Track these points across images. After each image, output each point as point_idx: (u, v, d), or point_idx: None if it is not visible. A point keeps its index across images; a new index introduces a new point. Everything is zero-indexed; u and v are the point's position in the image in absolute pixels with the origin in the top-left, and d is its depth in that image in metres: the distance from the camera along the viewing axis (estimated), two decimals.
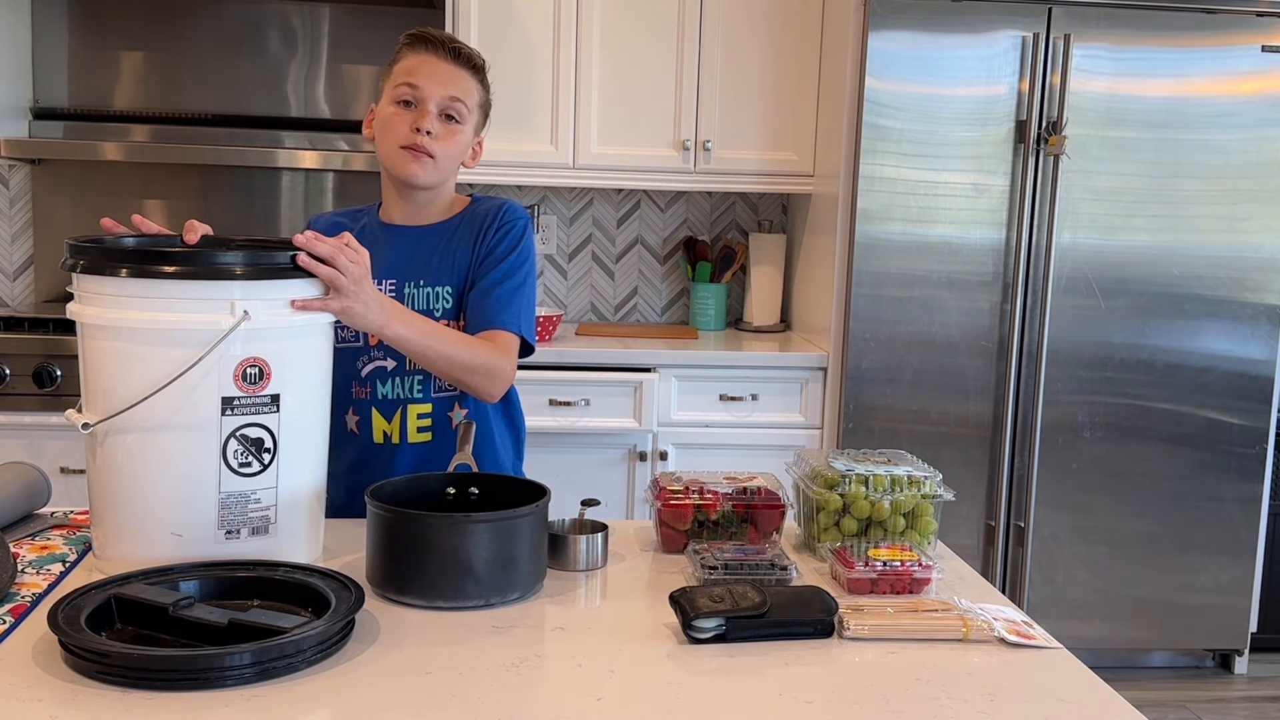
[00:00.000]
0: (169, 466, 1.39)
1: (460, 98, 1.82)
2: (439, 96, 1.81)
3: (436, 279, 1.85)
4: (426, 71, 1.81)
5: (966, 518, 3.35)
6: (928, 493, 1.63)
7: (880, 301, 3.26)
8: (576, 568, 1.54)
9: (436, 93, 1.81)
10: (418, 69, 1.82)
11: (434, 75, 1.81)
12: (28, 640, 1.24)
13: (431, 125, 1.80)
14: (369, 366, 1.86)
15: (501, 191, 3.78)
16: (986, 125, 3.23)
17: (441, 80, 1.81)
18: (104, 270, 1.37)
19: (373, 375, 1.86)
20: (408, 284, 1.85)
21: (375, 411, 1.86)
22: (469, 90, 1.84)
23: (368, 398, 1.86)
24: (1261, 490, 3.41)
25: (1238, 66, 3.25)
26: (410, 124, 1.81)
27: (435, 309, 1.84)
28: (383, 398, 1.85)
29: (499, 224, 1.87)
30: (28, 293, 3.68)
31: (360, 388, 1.87)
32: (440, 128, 1.82)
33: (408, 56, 1.84)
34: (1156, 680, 3.49)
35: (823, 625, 1.34)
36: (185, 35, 3.61)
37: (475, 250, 1.86)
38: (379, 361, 1.85)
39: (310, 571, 1.36)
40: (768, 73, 3.50)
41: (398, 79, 1.83)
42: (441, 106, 1.82)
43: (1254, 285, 3.33)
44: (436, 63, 1.82)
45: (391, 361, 1.84)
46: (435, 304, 1.85)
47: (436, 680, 1.18)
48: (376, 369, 1.85)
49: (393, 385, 1.85)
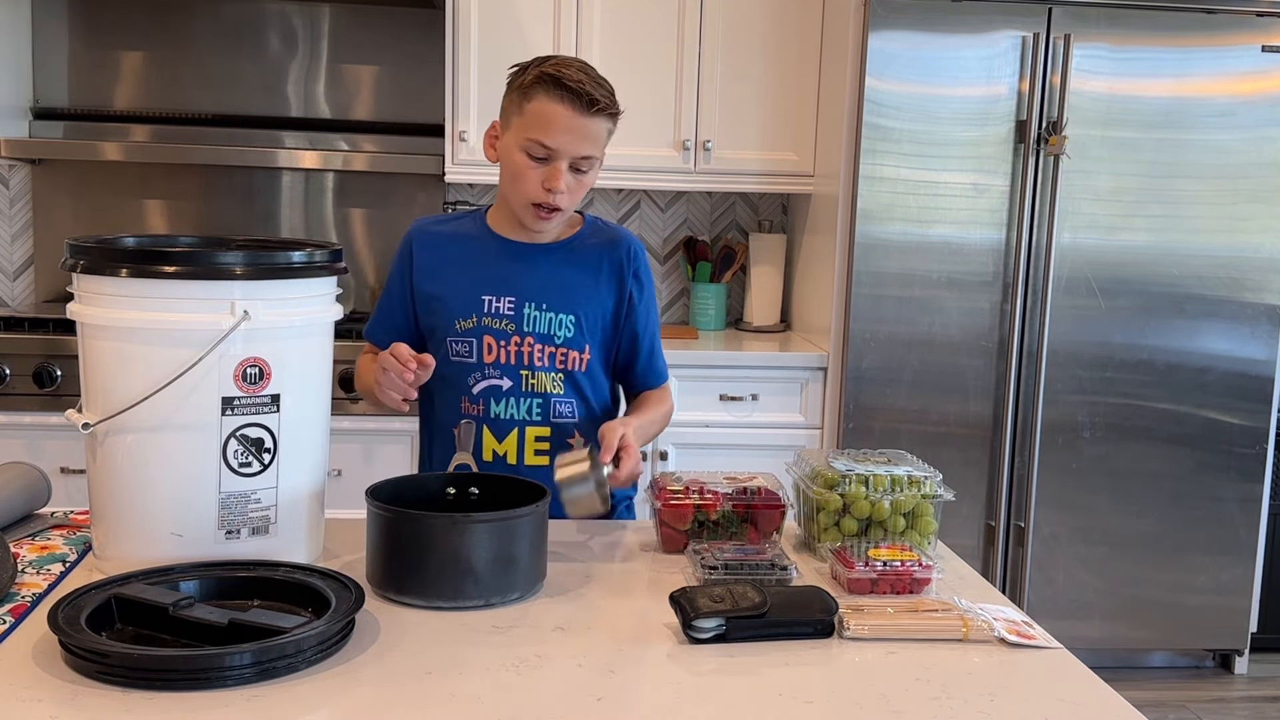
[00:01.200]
0: (169, 466, 1.39)
1: (592, 151, 1.77)
2: (573, 155, 1.75)
3: (558, 305, 1.84)
4: (561, 127, 1.73)
5: (966, 518, 3.35)
6: (928, 493, 1.63)
7: (880, 301, 3.26)
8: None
9: (570, 151, 1.75)
10: (552, 125, 1.73)
11: (569, 133, 1.73)
12: (28, 640, 1.24)
13: (564, 184, 1.76)
14: (482, 384, 1.84)
15: None
16: (986, 125, 3.22)
17: (576, 138, 1.74)
18: (104, 270, 1.37)
19: (486, 393, 1.84)
20: (528, 304, 1.84)
21: (487, 430, 1.84)
22: (600, 137, 1.78)
23: (480, 415, 1.85)
24: (1261, 490, 3.41)
25: (1238, 66, 3.25)
26: (541, 181, 1.76)
27: (557, 335, 1.84)
28: (495, 417, 1.84)
29: (636, 269, 1.90)
30: (28, 293, 3.68)
31: (471, 404, 1.85)
32: (571, 181, 1.77)
33: (542, 99, 1.73)
34: (1156, 680, 3.49)
35: (823, 625, 1.34)
36: (185, 35, 3.61)
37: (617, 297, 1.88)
38: (494, 380, 1.84)
39: (310, 571, 1.36)
40: (768, 73, 3.50)
41: (531, 128, 1.74)
42: (574, 163, 1.76)
43: (1254, 285, 3.33)
44: (572, 118, 1.73)
45: (508, 381, 1.83)
46: (557, 329, 1.84)
47: (436, 680, 1.18)
48: (491, 387, 1.84)
49: (507, 405, 1.84)
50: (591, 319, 1.86)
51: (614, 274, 1.88)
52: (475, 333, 1.84)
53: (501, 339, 1.83)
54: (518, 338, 1.83)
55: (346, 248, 3.64)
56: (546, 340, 1.83)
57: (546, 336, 1.83)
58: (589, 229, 1.91)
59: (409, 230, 1.95)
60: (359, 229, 3.74)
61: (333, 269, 1.49)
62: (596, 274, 1.87)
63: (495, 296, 1.83)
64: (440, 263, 1.89)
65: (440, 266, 1.88)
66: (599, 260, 1.88)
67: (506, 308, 1.83)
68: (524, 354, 1.83)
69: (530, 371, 1.83)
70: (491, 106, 3.39)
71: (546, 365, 1.83)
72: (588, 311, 1.86)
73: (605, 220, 1.97)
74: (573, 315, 1.85)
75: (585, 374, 1.86)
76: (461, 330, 1.84)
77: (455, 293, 1.85)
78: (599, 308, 1.87)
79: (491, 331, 1.83)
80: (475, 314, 1.84)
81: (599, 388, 1.89)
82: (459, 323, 1.84)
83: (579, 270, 1.87)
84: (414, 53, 3.66)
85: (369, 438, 3.17)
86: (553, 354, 1.84)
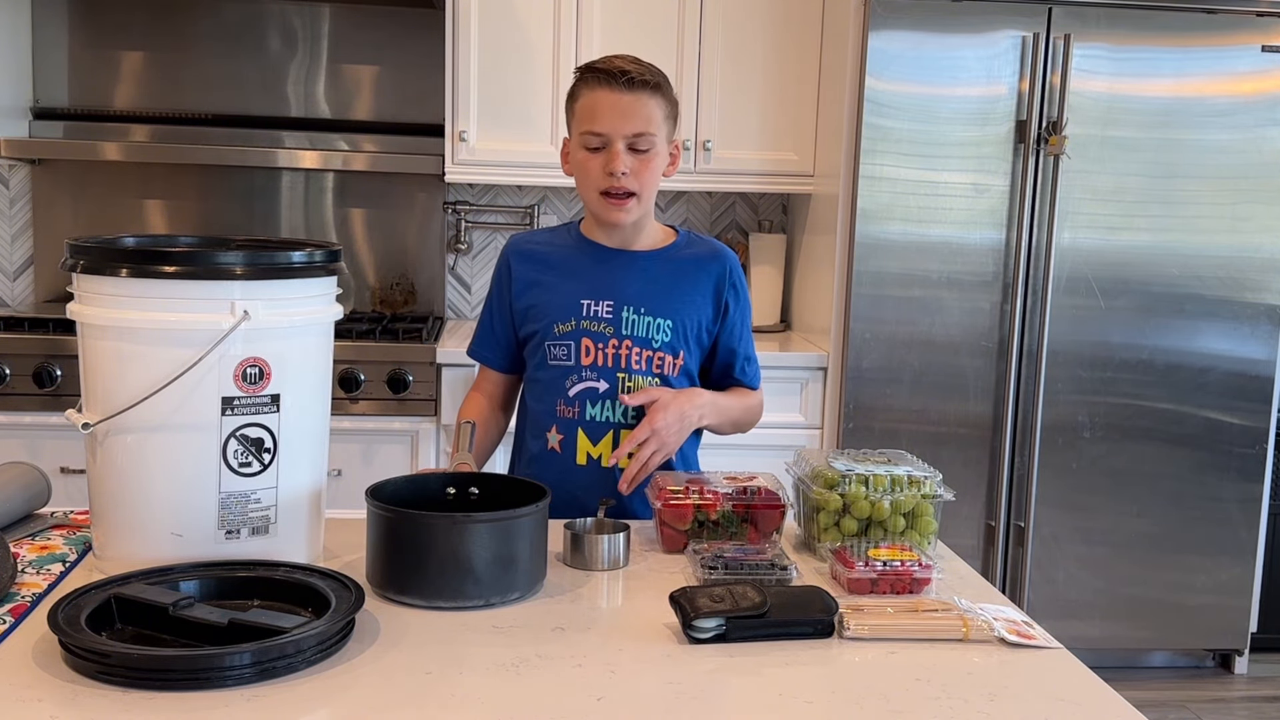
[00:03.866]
0: (169, 466, 1.39)
1: (644, 128, 1.79)
2: (624, 133, 1.78)
3: (656, 310, 1.86)
4: (605, 109, 1.78)
5: (966, 518, 3.35)
6: (928, 493, 1.63)
7: (880, 301, 3.26)
8: (599, 567, 1.55)
9: (621, 130, 1.78)
10: (597, 109, 1.79)
11: (613, 112, 1.78)
12: (28, 640, 1.24)
13: (625, 164, 1.78)
14: (578, 386, 1.86)
15: (501, 192, 3.78)
16: (986, 125, 3.22)
17: (623, 115, 1.77)
18: (104, 270, 1.37)
19: (582, 395, 1.85)
20: (625, 307, 1.86)
21: (581, 432, 1.86)
22: (652, 114, 1.79)
23: (575, 418, 1.86)
24: (1261, 490, 3.41)
25: (1238, 66, 3.25)
26: (603, 168, 1.79)
27: (654, 339, 1.86)
28: (591, 419, 1.85)
29: (733, 281, 1.92)
30: (28, 293, 3.68)
31: (567, 407, 1.87)
32: (633, 162, 1.79)
33: (584, 94, 1.81)
34: (1156, 680, 3.49)
35: (823, 625, 1.34)
36: (185, 35, 3.61)
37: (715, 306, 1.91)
38: (590, 382, 1.85)
39: (310, 571, 1.36)
40: (768, 73, 3.50)
41: (581, 122, 1.81)
42: (629, 142, 1.79)
43: (1254, 285, 3.33)
44: (614, 97, 1.77)
45: (604, 383, 1.85)
46: (655, 333, 1.86)
47: (436, 680, 1.18)
48: (587, 389, 1.85)
49: (602, 408, 1.85)
50: (688, 325, 1.88)
51: (712, 285, 1.91)
52: (574, 336, 1.86)
53: (600, 341, 1.85)
54: (615, 340, 1.85)
55: (346, 248, 3.65)
56: (644, 344, 1.85)
57: (644, 340, 1.85)
58: (684, 240, 1.95)
59: (505, 247, 1.98)
60: (359, 229, 3.74)
61: (332, 269, 1.49)
62: (694, 283, 1.90)
63: (594, 300, 1.86)
64: (539, 273, 1.92)
65: (539, 277, 1.91)
66: (696, 270, 1.91)
67: (605, 311, 1.85)
68: (621, 357, 1.85)
69: (627, 374, 1.85)
70: (492, 106, 3.42)
71: (643, 369, 1.85)
72: (684, 318, 1.88)
73: (700, 233, 2.00)
74: (670, 320, 1.87)
75: (680, 378, 1.88)
76: (560, 334, 1.87)
77: (555, 299, 1.88)
78: (696, 315, 1.89)
79: (590, 334, 1.85)
80: (574, 318, 1.86)
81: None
82: (558, 327, 1.87)
83: (676, 278, 1.89)
84: (414, 53, 3.65)
85: (369, 438, 3.17)
86: (649, 357, 1.86)
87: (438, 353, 3.16)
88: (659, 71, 1.83)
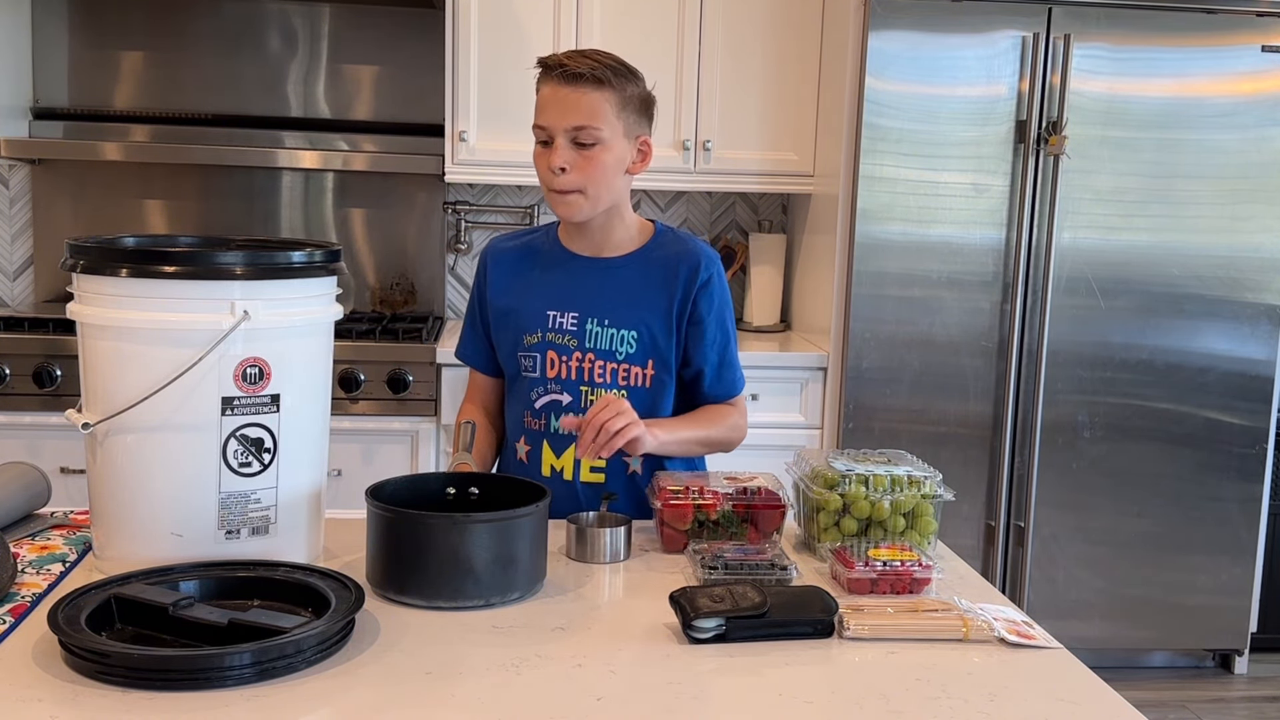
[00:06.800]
0: (169, 466, 1.39)
1: (585, 121, 1.73)
2: (564, 128, 1.73)
3: (621, 321, 1.83)
4: (548, 104, 1.75)
5: (966, 518, 3.35)
6: (928, 493, 1.63)
7: (880, 301, 3.26)
8: (601, 560, 1.57)
9: (560, 125, 1.74)
10: (543, 103, 1.76)
11: (555, 106, 1.74)
12: (28, 640, 1.24)
13: (564, 159, 1.73)
14: (544, 399, 1.85)
15: (501, 192, 3.78)
16: (986, 125, 3.22)
17: (563, 110, 1.73)
18: (104, 270, 1.37)
19: (547, 408, 1.84)
20: (590, 320, 1.83)
21: (546, 445, 1.85)
22: (595, 108, 1.73)
23: (540, 429, 1.85)
24: (1261, 490, 3.41)
25: (1238, 66, 3.25)
26: (547, 166, 1.76)
27: (618, 351, 1.83)
28: (555, 432, 1.84)
29: (700, 283, 1.83)
30: (28, 293, 3.68)
31: (534, 419, 1.86)
32: (574, 157, 1.74)
33: (539, 89, 1.78)
34: (1156, 680, 3.49)
35: (823, 625, 1.34)
36: (185, 35, 3.61)
37: (680, 311, 1.83)
38: (555, 395, 1.84)
39: (310, 571, 1.36)
40: (768, 73, 3.50)
41: (535, 117, 1.78)
42: (571, 136, 1.74)
43: (1254, 285, 3.33)
44: (555, 91, 1.74)
45: (567, 396, 1.83)
46: (619, 345, 1.83)
47: (436, 680, 1.18)
48: (551, 402, 1.84)
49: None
50: (655, 334, 1.84)
51: (680, 287, 1.83)
52: (540, 348, 1.85)
53: (564, 355, 1.84)
54: (579, 354, 1.83)
55: (346, 248, 3.65)
56: (608, 356, 1.83)
57: (608, 353, 1.83)
58: (658, 240, 1.88)
59: (484, 250, 1.97)
60: (359, 229, 3.74)
61: (332, 269, 1.49)
62: (661, 287, 1.84)
63: (559, 312, 1.84)
64: (511, 279, 1.90)
65: (511, 283, 1.90)
66: (664, 272, 1.85)
67: (570, 323, 1.83)
68: (585, 370, 1.83)
69: (590, 388, 1.83)
70: (492, 106, 3.42)
71: (608, 382, 1.83)
72: (650, 325, 1.83)
73: (681, 231, 1.93)
74: (634, 331, 1.83)
75: (647, 390, 1.85)
76: (528, 345, 1.86)
77: (523, 308, 1.87)
78: (663, 322, 1.84)
79: (554, 347, 1.84)
80: (540, 329, 1.85)
81: (662, 404, 1.87)
82: (526, 338, 1.86)
83: (644, 284, 1.85)
84: (414, 53, 3.65)
85: (369, 438, 3.17)
86: (614, 370, 1.83)
87: (438, 353, 3.16)
88: (619, 66, 1.76)
